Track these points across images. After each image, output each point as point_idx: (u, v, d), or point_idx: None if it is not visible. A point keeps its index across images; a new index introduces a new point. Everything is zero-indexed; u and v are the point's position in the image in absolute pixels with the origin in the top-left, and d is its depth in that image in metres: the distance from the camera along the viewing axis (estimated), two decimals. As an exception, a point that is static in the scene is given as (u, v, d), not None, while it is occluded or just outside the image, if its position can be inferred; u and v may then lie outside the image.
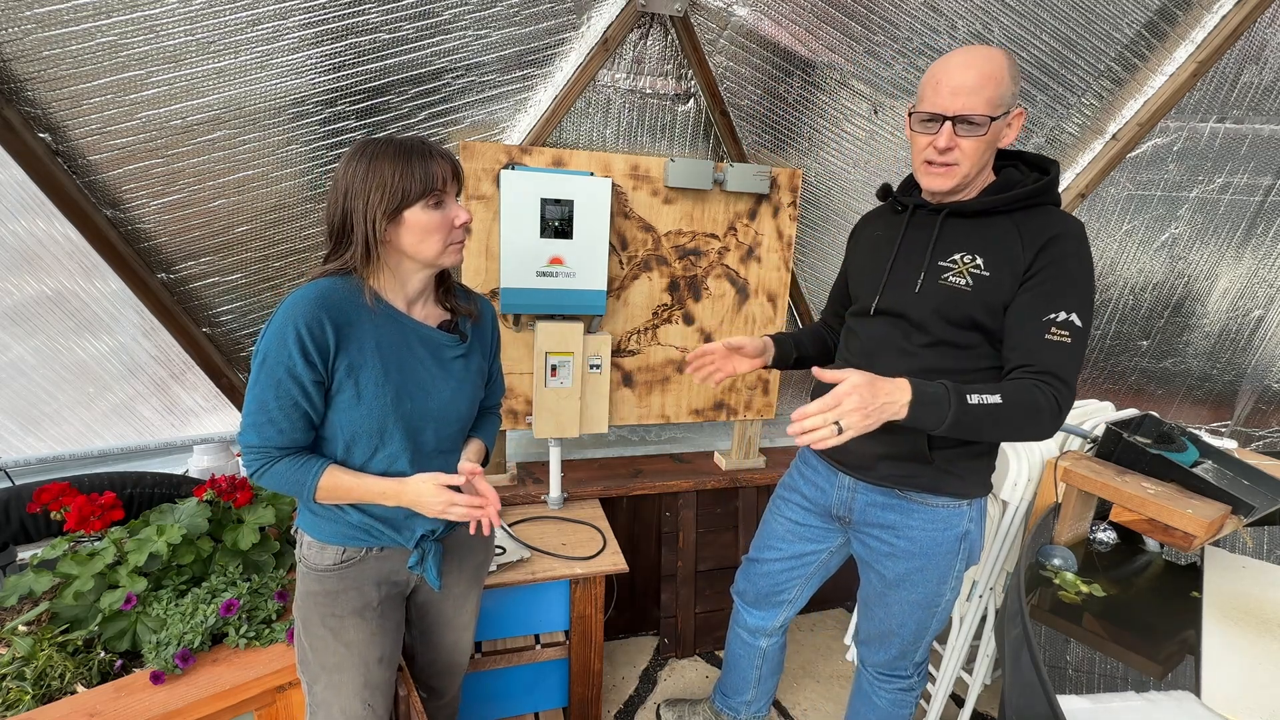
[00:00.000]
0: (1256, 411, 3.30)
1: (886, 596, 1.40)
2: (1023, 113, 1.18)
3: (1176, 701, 1.04)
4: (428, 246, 1.07)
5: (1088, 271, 1.15)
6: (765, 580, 1.62)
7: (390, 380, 1.09)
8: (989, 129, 1.14)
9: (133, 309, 1.73)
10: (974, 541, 1.37)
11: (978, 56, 1.14)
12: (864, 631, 1.50)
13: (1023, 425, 1.11)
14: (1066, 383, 1.12)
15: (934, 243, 1.25)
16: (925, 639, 1.43)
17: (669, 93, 1.99)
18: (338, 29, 1.60)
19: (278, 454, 1.06)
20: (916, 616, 1.39)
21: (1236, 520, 1.37)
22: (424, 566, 1.18)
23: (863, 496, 1.38)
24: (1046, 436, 1.14)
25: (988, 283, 1.18)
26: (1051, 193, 1.21)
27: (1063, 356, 1.12)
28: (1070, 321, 1.12)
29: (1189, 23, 2.13)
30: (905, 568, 1.35)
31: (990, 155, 1.20)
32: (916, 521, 1.32)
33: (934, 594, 1.36)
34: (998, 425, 1.09)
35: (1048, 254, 1.14)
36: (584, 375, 2.00)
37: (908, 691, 1.50)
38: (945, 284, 1.22)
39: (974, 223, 1.22)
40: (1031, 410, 1.10)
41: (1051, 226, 1.16)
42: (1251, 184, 2.57)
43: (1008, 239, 1.18)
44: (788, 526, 1.55)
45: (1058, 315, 1.12)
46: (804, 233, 2.33)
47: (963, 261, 1.21)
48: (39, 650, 1.17)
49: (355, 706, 1.18)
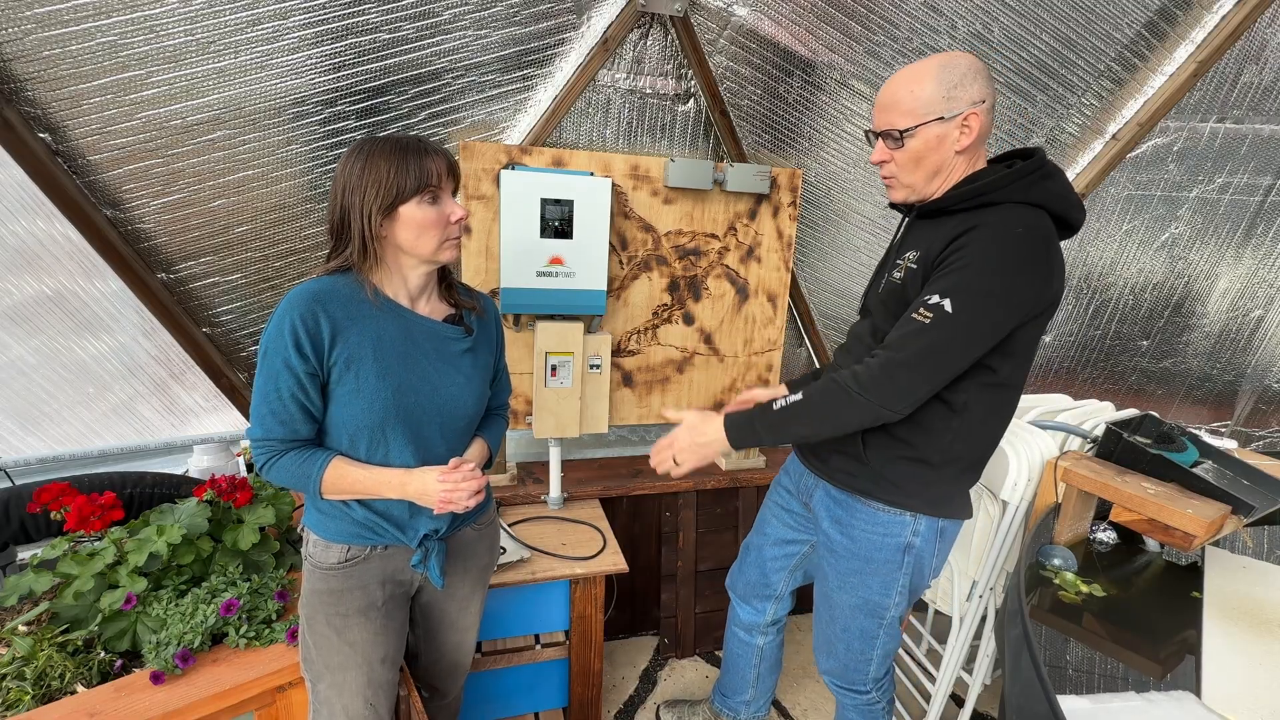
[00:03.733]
0: (1256, 411, 3.30)
1: (830, 598, 1.42)
2: (976, 113, 1.13)
3: (1177, 701, 1.04)
4: (424, 242, 1.08)
5: (991, 262, 1.07)
6: (754, 569, 1.65)
7: (392, 375, 1.09)
8: (907, 140, 1.16)
9: (133, 309, 1.73)
10: (920, 560, 1.32)
11: (903, 72, 1.17)
12: (816, 637, 1.51)
13: (827, 410, 1.16)
14: (897, 354, 1.10)
15: (899, 243, 1.30)
16: (875, 650, 1.41)
17: (669, 93, 1.99)
18: (338, 29, 1.60)
19: (282, 447, 1.07)
20: (859, 623, 1.38)
21: (1236, 520, 1.37)
22: (427, 565, 1.18)
23: (821, 490, 1.41)
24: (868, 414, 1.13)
25: (913, 275, 1.18)
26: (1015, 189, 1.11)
27: (910, 333, 1.10)
28: (938, 305, 1.07)
29: (1189, 23, 2.13)
30: (846, 568, 1.36)
31: (937, 161, 1.17)
32: (859, 522, 1.32)
33: (876, 603, 1.35)
34: (812, 418, 1.18)
35: (958, 243, 1.10)
36: (584, 375, 2.00)
37: (870, 706, 1.48)
38: (891, 280, 1.25)
39: (934, 221, 1.23)
40: (832, 392, 1.15)
41: (983, 218, 1.10)
42: (1251, 184, 2.56)
43: (942, 233, 1.15)
44: (774, 510, 1.60)
45: (930, 298, 1.09)
46: (804, 233, 2.33)
47: (908, 259, 1.22)
48: (39, 650, 1.17)
49: (358, 705, 1.18)
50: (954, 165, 1.19)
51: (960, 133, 1.15)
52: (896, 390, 1.11)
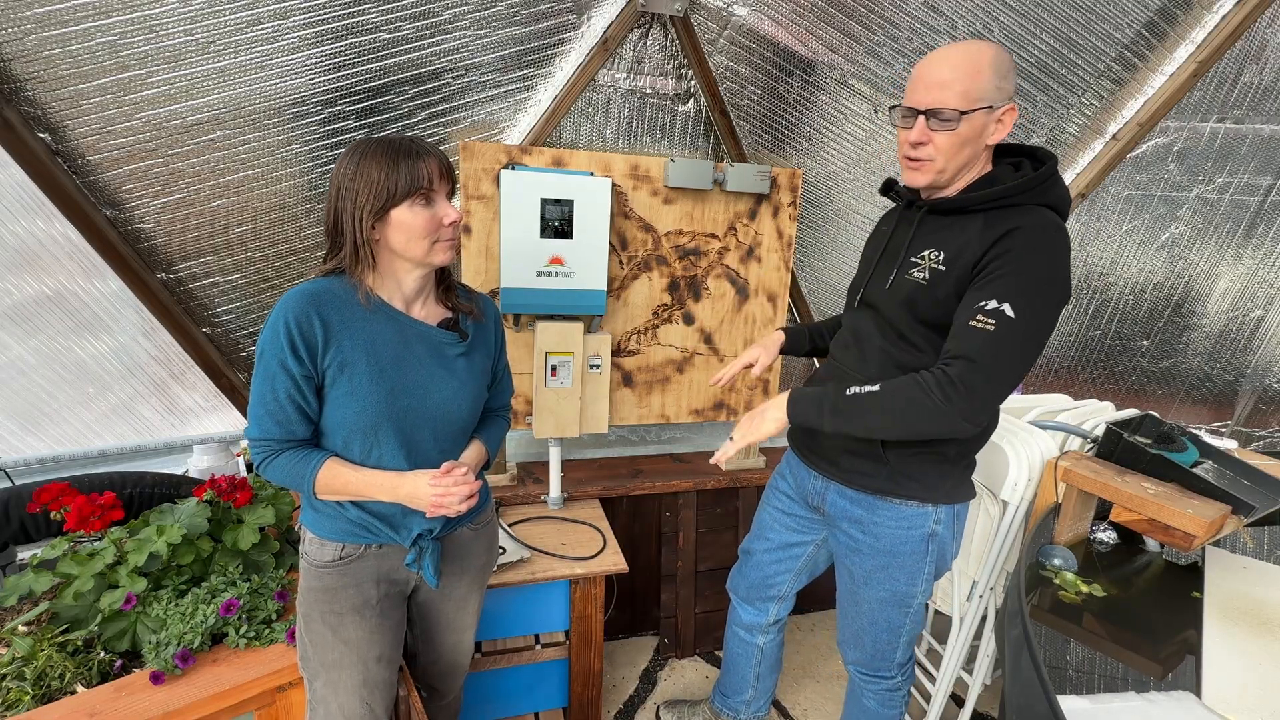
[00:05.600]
0: (1257, 411, 3.30)
1: (857, 594, 1.41)
2: (1014, 109, 1.15)
3: (1177, 702, 1.04)
4: (416, 246, 1.08)
5: (1041, 263, 1.08)
6: (756, 572, 1.64)
7: (385, 378, 1.09)
8: (961, 123, 1.11)
9: (133, 309, 1.73)
10: (944, 545, 1.35)
11: (957, 51, 1.12)
12: (841, 631, 1.51)
13: (905, 411, 1.11)
14: (975, 364, 1.06)
15: (911, 238, 1.26)
16: (901, 638, 1.43)
17: (669, 93, 1.99)
18: (338, 29, 1.60)
19: (278, 446, 1.08)
20: (887, 615, 1.39)
21: (1237, 520, 1.37)
22: (421, 565, 1.18)
23: (834, 492, 1.39)
24: (945, 424, 1.10)
25: (943, 276, 1.17)
26: (1036, 193, 1.14)
27: (978, 342, 1.07)
28: (1000, 310, 1.06)
29: (1189, 23, 2.13)
30: (871, 564, 1.36)
31: (972, 152, 1.16)
32: (882, 518, 1.32)
33: (904, 593, 1.36)
34: (882, 413, 1.13)
35: (999, 246, 1.10)
36: (584, 375, 2.00)
37: (893, 692, 1.50)
38: (909, 279, 1.22)
39: (949, 219, 1.21)
40: (912, 395, 1.10)
41: (1014, 220, 1.11)
42: (1251, 184, 2.56)
43: (972, 234, 1.15)
44: (775, 515, 1.58)
45: (987, 303, 1.08)
46: (804, 233, 2.32)
47: (929, 257, 1.20)
48: (39, 650, 1.17)
49: (354, 704, 1.18)
50: (981, 159, 1.19)
51: (996, 126, 1.15)
52: (982, 403, 1.08)
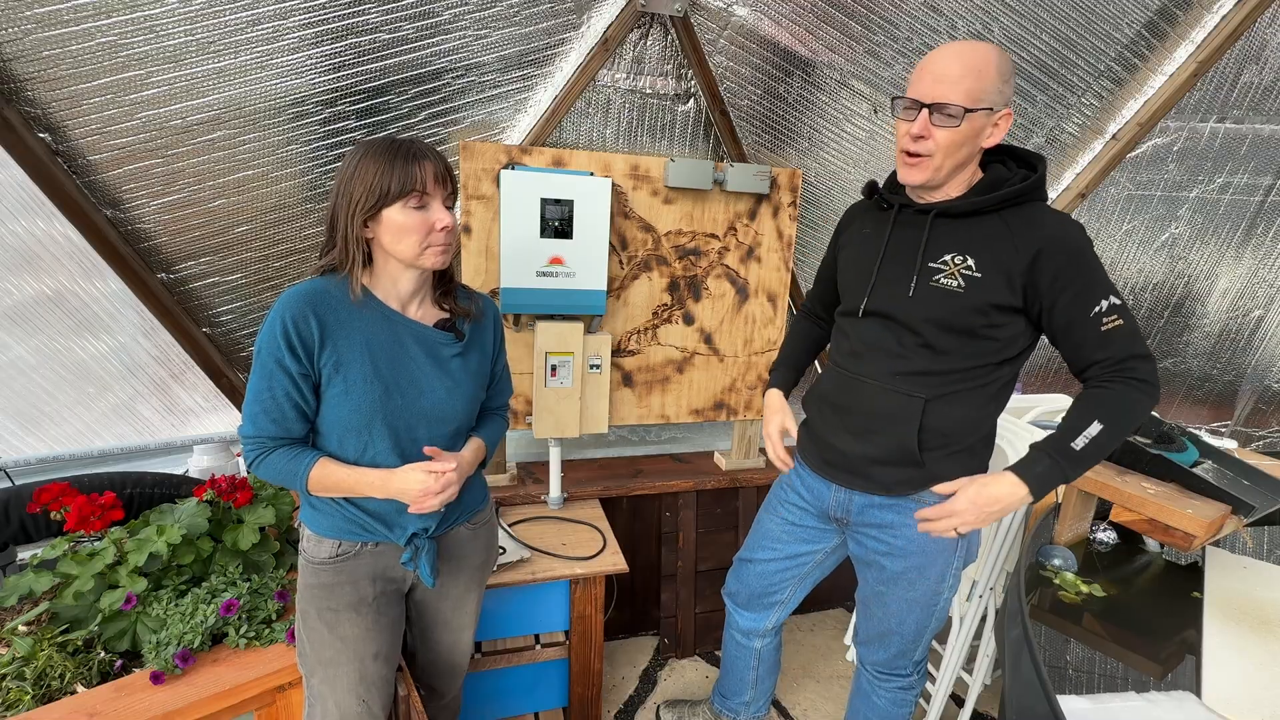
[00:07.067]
0: (1256, 411, 3.30)
1: (885, 595, 1.40)
2: (1010, 115, 1.16)
3: (1177, 701, 1.04)
4: (404, 247, 1.07)
5: (1091, 254, 1.16)
6: (758, 581, 1.61)
7: (379, 377, 1.09)
8: (964, 120, 1.12)
9: (133, 309, 1.73)
10: (972, 537, 1.36)
11: (965, 48, 1.13)
12: (863, 632, 1.49)
13: (1131, 423, 1.16)
14: (1144, 356, 1.14)
15: (925, 244, 1.23)
16: (925, 637, 1.43)
17: (669, 93, 1.99)
18: (338, 29, 1.60)
19: (272, 444, 1.08)
20: (915, 615, 1.39)
21: (1236, 520, 1.37)
22: (417, 563, 1.18)
23: (860, 499, 1.37)
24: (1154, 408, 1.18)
25: (980, 284, 1.17)
26: (1040, 190, 1.20)
27: (1126, 338, 1.14)
28: (1112, 305, 1.14)
29: (1189, 23, 2.13)
30: (903, 565, 1.35)
31: (968, 153, 1.18)
32: (914, 520, 1.31)
33: (932, 592, 1.36)
34: (1111, 440, 1.14)
35: (1053, 254, 1.13)
36: (584, 375, 2.00)
37: (907, 690, 1.49)
38: (937, 286, 1.20)
39: (963, 222, 1.21)
40: (1130, 410, 1.14)
41: (1043, 224, 1.15)
42: (1251, 184, 2.56)
43: (998, 239, 1.16)
44: (784, 527, 1.54)
45: (1098, 305, 1.13)
46: (804, 233, 2.32)
47: (954, 262, 1.19)
48: (39, 650, 1.17)
49: (350, 702, 1.18)
50: (973, 163, 1.21)
51: (993, 130, 1.17)
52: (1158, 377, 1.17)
